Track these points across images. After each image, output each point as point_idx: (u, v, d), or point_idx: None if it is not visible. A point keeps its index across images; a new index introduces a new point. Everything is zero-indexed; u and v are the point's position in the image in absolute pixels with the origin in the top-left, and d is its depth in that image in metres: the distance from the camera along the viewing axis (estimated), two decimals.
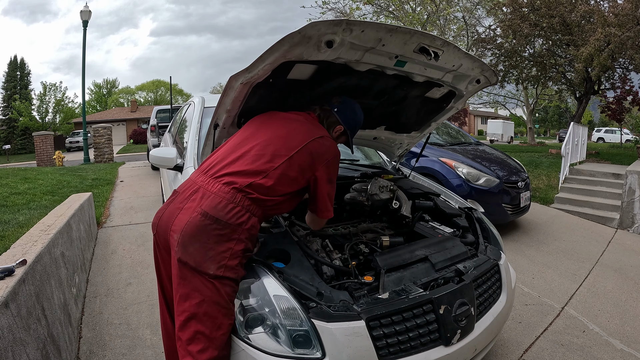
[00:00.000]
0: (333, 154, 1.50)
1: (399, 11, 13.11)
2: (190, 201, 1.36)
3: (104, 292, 2.86)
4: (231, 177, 1.37)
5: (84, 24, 11.80)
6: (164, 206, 1.45)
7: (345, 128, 1.66)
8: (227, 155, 1.45)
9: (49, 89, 29.29)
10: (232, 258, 1.30)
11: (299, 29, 1.31)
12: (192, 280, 1.29)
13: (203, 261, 1.27)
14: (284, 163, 1.40)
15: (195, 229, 1.29)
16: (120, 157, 15.19)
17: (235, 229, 1.31)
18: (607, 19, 8.31)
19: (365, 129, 2.26)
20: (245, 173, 1.37)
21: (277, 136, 1.46)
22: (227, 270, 1.29)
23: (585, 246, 4.26)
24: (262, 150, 1.42)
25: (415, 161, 2.88)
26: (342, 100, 1.68)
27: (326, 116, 1.65)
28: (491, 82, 1.97)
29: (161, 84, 46.07)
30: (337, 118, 1.64)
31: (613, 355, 2.30)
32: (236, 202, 1.33)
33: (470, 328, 1.49)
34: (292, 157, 1.41)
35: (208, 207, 1.32)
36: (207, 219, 1.30)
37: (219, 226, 1.30)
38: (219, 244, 1.29)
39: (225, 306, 1.29)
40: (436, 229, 2.04)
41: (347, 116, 1.66)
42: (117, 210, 5.06)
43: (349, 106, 1.68)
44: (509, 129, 29.29)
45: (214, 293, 1.27)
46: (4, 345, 1.18)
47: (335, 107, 1.65)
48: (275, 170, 1.38)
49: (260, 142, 1.45)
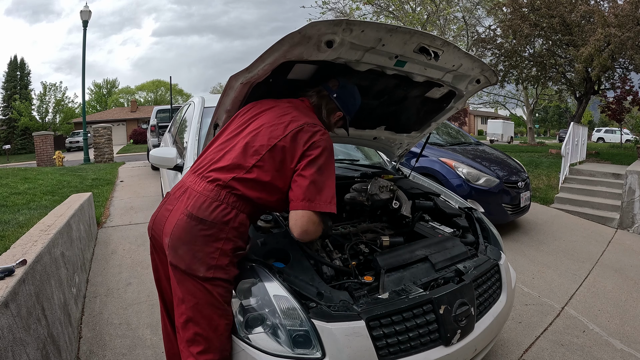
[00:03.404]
0: (323, 141, 1.36)
1: (399, 11, 13.11)
2: (179, 202, 1.34)
3: (104, 292, 2.86)
4: (216, 173, 1.33)
5: (84, 24, 11.81)
6: (157, 209, 1.44)
7: (344, 114, 1.59)
8: (216, 152, 1.41)
9: (49, 89, 29.34)
10: (222, 258, 1.27)
11: (299, 29, 1.31)
12: (185, 283, 1.28)
13: (192, 263, 1.25)
14: (266, 154, 1.31)
15: (182, 231, 1.27)
16: (120, 157, 15.19)
17: (221, 227, 1.27)
18: (607, 19, 8.31)
19: (365, 129, 2.26)
20: (228, 168, 1.32)
21: (263, 126, 1.38)
22: (218, 271, 1.26)
23: (585, 246, 4.26)
24: (248, 142, 1.35)
25: (415, 161, 2.88)
26: (340, 85, 1.59)
27: (324, 102, 1.57)
28: (491, 82, 1.97)
29: (161, 84, 46.07)
30: (336, 104, 1.57)
31: (613, 355, 2.30)
32: (221, 200, 1.29)
33: (470, 328, 1.49)
34: (274, 147, 1.32)
35: (193, 207, 1.29)
36: (193, 220, 1.27)
37: (205, 227, 1.26)
38: (206, 244, 1.26)
39: (219, 307, 1.27)
40: (436, 229, 2.04)
41: (347, 101, 1.59)
42: (117, 210, 5.06)
43: (348, 91, 1.60)
44: (509, 129, 29.27)
45: (206, 295, 1.25)
46: (4, 345, 1.18)
47: (334, 93, 1.57)
48: (258, 162, 1.31)
49: (246, 134, 1.38)
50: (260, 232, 1.63)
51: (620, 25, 8.10)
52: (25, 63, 32.26)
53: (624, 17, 8.11)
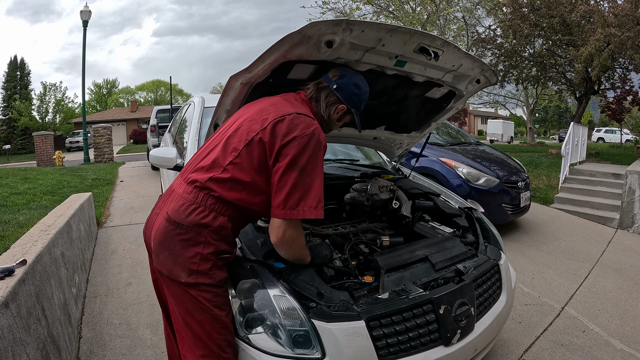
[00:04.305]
0: (306, 135, 1.19)
1: (399, 11, 13.11)
2: (165, 205, 1.31)
3: (104, 292, 2.86)
4: (195, 174, 1.27)
5: (83, 24, 11.82)
6: (150, 213, 1.41)
7: (348, 107, 1.42)
8: (200, 153, 1.35)
9: (49, 89, 29.32)
10: (203, 263, 1.20)
11: (298, 29, 1.31)
12: (171, 289, 1.25)
13: (173, 269, 1.20)
14: (243, 150, 1.21)
15: (162, 236, 1.23)
16: (120, 157, 15.19)
17: (199, 231, 1.20)
18: (607, 19, 8.31)
19: (365, 129, 2.26)
20: (206, 168, 1.25)
21: (245, 121, 1.29)
22: (200, 276, 1.20)
23: (585, 246, 4.26)
24: (228, 139, 1.27)
25: (415, 161, 2.88)
26: (341, 74, 1.42)
27: (324, 95, 1.41)
28: (491, 82, 1.97)
29: (161, 84, 46.08)
30: (338, 96, 1.40)
31: (613, 355, 2.30)
32: (198, 202, 1.22)
33: (470, 328, 1.49)
34: (251, 142, 1.21)
35: (171, 211, 1.24)
36: (171, 224, 1.22)
37: (182, 230, 1.20)
38: (185, 249, 1.20)
39: (209, 312, 1.21)
40: (436, 229, 2.04)
41: (350, 92, 1.41)
42: (117, 210, 5.06)
43: (349, 79, 1.42)
44: (509, 129, 29.28)
45: (192, 301, 1.21)
46: (4, 345, 1.18)
47: (334, 84, 1.40)
48: (235, 159, 1.21)
49: (230, 132, 1.30)
50: (260, 232, 1.63)
51: (620, 25, 8.10)
52: (25, 63, 32.33)
53: (624, 17, 8.11)
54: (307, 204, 1.18)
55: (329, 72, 1.46)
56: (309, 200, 1.18)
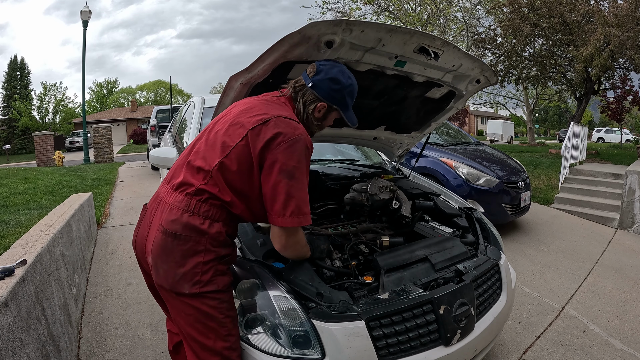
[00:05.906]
0: (291, 139, 1.17)
1: (399, 11, 13.11)
2: (155, 217, 1.26)
3: (104, 292, 2.86)
4: (184, 180, 1.23)
5: (84, 24, 11.80)
6: (137, 223, 1.36)
7: (329, 104, 1.33)
8: (185, 157, 1.30)
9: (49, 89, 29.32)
10: (205, 271, 1.18)
11: (298, 29, 1.31)
12: (172, 302, 1.22)
13: (175, 282, 1.17)
14: (229, 155, 1.19)
15: (160, 249, 1.20)
16: (120, 157, 15.19)
17: (197, 240, 1.18)
18: (607, 19, 8.31)
19: (365, 129, 2.26)
20: (192, 174, 1.23)
21: (229, 125, 1.25)
22: (204, 286, 1.18)
23: (585, 246, 4.26)
24: (214, 144, 1.24)
25: (415, 161, 2.88)
26: (317, 69, 1.32)
27: (302, 94, 1.33)
28: (491, 82, 1.98)
29: (162, 84, 46.10)
30: (315, 95, 1.31)
31: (613, 355, 2.30)
32: (191, 211, 1.19)
33: (470, 328, 1.49)
34: (236, 147, 1.19)
35: (166, 222, 1.20)
36: (168, 236, 1.19)
37: (180, 242, 1.18)
38: (185, 260, 1.17)
39: (214, 320, 1.20)
40: (436, 229, 2.04)
41: (327, 88, 1.30)
42: (117, 210, 5.06)
43: (326, 75, 1.30)
44: (509, 129, 29.28)
45: (196, 312, 1.19)
46: (4, 345, 1.18)
47: (309, 82, 1.31)
48: (221, 164, 1.19)
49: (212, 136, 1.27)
50: (260, 232, 1.63)
51: (620, 25, 8.10)
52: (25, 63, 32.31)
53: (624, 17, 8.11)
54: (302, 211, 1.18)
55: (307, 68, 1.36)
56: (303, 207, 1.19)
